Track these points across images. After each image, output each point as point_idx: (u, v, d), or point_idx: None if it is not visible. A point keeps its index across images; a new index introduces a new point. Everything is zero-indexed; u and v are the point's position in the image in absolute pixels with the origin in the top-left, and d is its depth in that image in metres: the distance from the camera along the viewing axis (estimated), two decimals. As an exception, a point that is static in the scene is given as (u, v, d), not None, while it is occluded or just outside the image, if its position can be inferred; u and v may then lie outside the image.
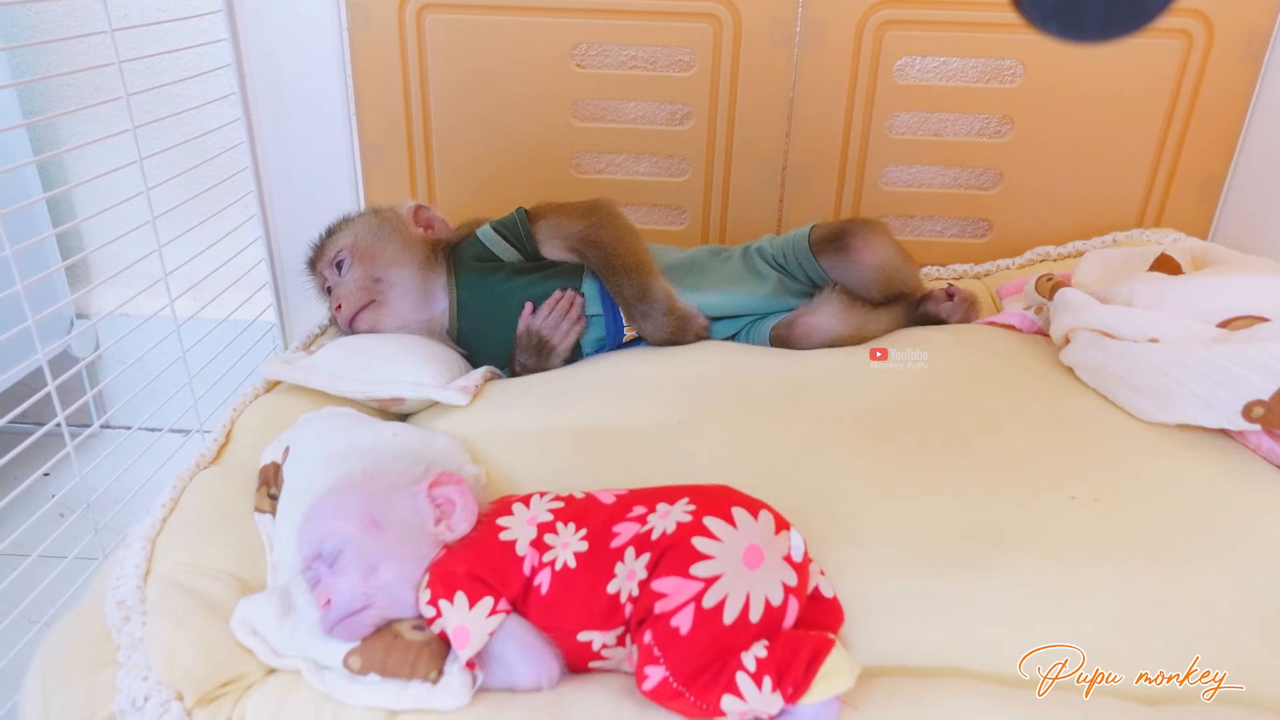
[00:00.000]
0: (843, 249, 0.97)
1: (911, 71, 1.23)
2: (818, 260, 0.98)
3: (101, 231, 1.32)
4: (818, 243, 0.99)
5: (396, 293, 0.97)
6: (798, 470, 0.74)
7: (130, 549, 0.67)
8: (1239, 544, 0.65)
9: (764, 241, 1.05)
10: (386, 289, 0.97)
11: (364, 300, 0.96)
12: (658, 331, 0.94)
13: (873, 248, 0.96)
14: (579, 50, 1.22)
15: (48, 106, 1.29)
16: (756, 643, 0.54)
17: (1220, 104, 1.17)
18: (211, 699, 0.56)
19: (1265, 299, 0.80)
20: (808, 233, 1.00)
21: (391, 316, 0.97)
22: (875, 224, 0.99)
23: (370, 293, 0.96)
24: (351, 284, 0.97)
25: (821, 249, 0.98)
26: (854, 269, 0.97)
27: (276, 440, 0.80)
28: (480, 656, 0.57)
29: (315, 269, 1.02)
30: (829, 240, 0.98)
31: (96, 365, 1.39)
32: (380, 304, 0.97)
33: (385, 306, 0.97)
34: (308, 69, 1.19)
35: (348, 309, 0.96)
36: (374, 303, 0.96)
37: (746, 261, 1.03)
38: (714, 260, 1.04)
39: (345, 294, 0.97)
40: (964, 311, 1.01)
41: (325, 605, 0.59)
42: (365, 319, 0.96)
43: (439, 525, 0.62)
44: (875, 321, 0.98)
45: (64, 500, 1.00)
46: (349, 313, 0.96)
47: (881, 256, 0.97)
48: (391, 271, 0.97)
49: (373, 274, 0.97)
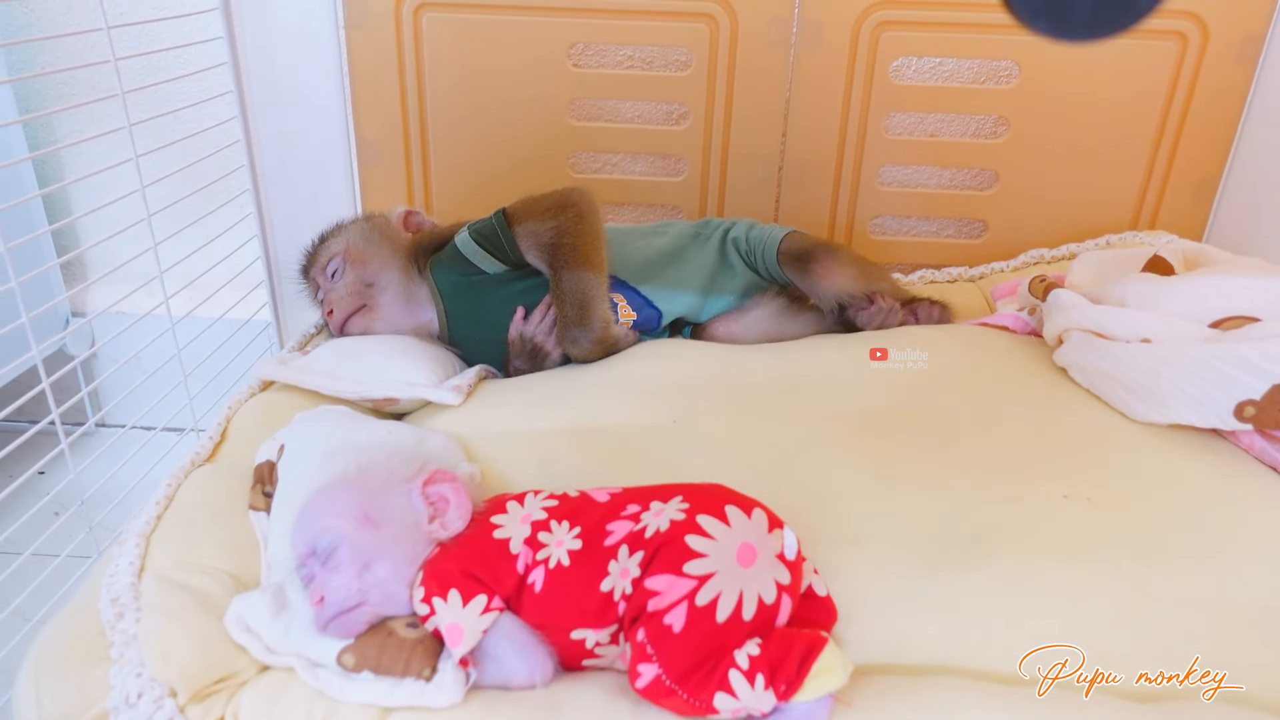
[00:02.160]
0: (805, 272, 0.99)
1: (908, 72, 1.23)
2: (782, 269, 1.00)
3: (98, 229, 1.32)
4: (784, 254, 1.00)
5: (387, 297, 0.97)
6: (791, 469, 0.74)
7: (125, 546, 0.66)
8: (1231, 543, 0.66)
9: (742, 228, 1.05)
10: (377, 294, 0.97)
11: (355, 305, 0.97)
12: (582, 354, 0.93)
13: (833, 278, 0.98)
14: (576, 50, 1.22)
15: (44, 104, 1.29)
16: (749, 640, 0.54)
17: (1215, 106, 1.17)
18: (205, 696, 0.56)
19: (1257, 299, 0.80)
20: (779, 241, 1.00)
21: (382, 321, 0.97)
22: (840, 252, 1.00)
23: (361, 297, 0.97)
24: (343, 289, 0.97)
25: (786, 262, 1.00)
26: (814, 291, 1.00)
27: (272, 438, 0.80)
28: (474, 654, 0.57)
29: (308, 275, 1.02)
30: (794, 258, 0.99)
31: (92, 363, 1.39)
32: (371, 309, 0.97)
33: (375, 311, 0.97)
34: (304, 67, 1.19)
35: (339, 314, 0.97)
36: (365, 307, 0.97)
37: (723, 253, 1.03)
38: (692, 246, 1.03)
39: (336, 299, 0.97)
40: (883, 318, 0.99)
41: (319, 602, 0.59)
42: (356, 324, 0.97)
43: (433, 523, 0.62)
44: (796, 328, 1.01)
45: (58, 498, 1.00)
46: (340, 317, 0.97)
47: (841, 286, 0.98)
48: (382, 276, 0.98)
49: (364, 279, 0.97)
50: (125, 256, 1.03)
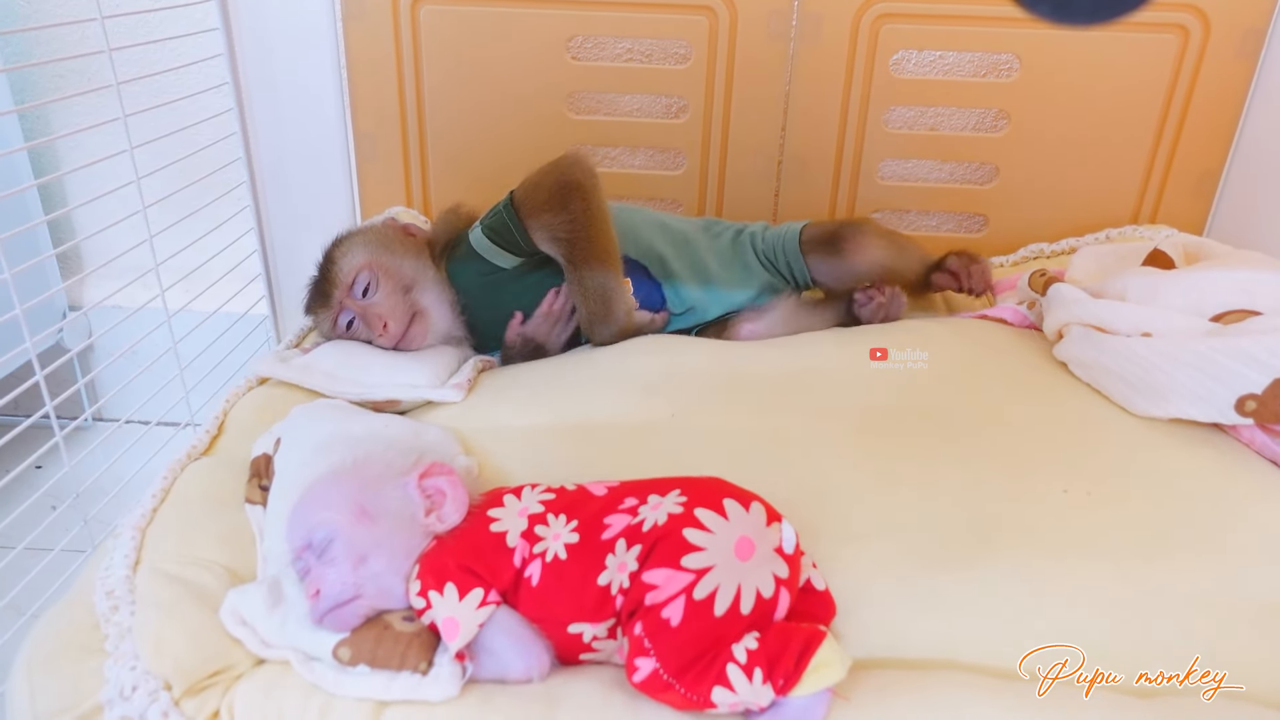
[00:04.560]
0: (836, 252, 0.97)
1: (908, 65, 1.22)
2: (806, 260, 0.98)
3: (94, 222, 1.32)
4: (808, 243, 0.98)
5: (430, 297, 0.94)
6: (791, 463, 0.74)
7: (120, 539, 0.66)
8: (1231, 538, 0.65)
9: (757, 228, 1.04)
10: (420, 295, 0.93)
11: (409, 312, 0.92)
12: (604, 342, 0.92)
13: (867, 250, 0.96)
14: (574, 43, 1.22)
15: (39, 95, 1.28)
16: (747, 634, 0.53)
17: (1216, 100, 1.16)
18: (200, 689, 0.56)
19: (1258, 293, 0.80)
20: (799, 232, 0.99)
21: (436, 322, 0.94)
22: (867, 224, 0.99)
23: (409, 304, 0.92)
24: (385, 300, 0.91)
25: (812, 249, 0.98)
26: (848, 271, 0.97)
27: (268, 432, 0.79)
28: (470, 648, 0.56)
29: (327, 304, 0.93)
30: (821, 242, 0.98)
31: (89, 356, 1.38)
32: (422, 315, 0.93)
33: (428, 315, 0.93)
34: (301, 59, 1.18)
35: (396, 325, 0.90)
36: (418, 314, 0.92)
37: (737, 249, 1.02)
38: (703, 238, 1.02)
39: (387, 311, 0.90)
40: (886, 310, 0.98)
41: (314, 595, 0.58)
42: (416, 333, 0.92)
43: (429, 516, 0.62)
44: (817, 325, 0.99)
45: (54, 492, 0.99)
46: (398, 330, 0.91)
47: (876, 258, 0.97)
48: (419, 277, 0.94)
49: (403, 284, 0.92)
50: (121, 249, 1.03)
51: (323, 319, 0.95)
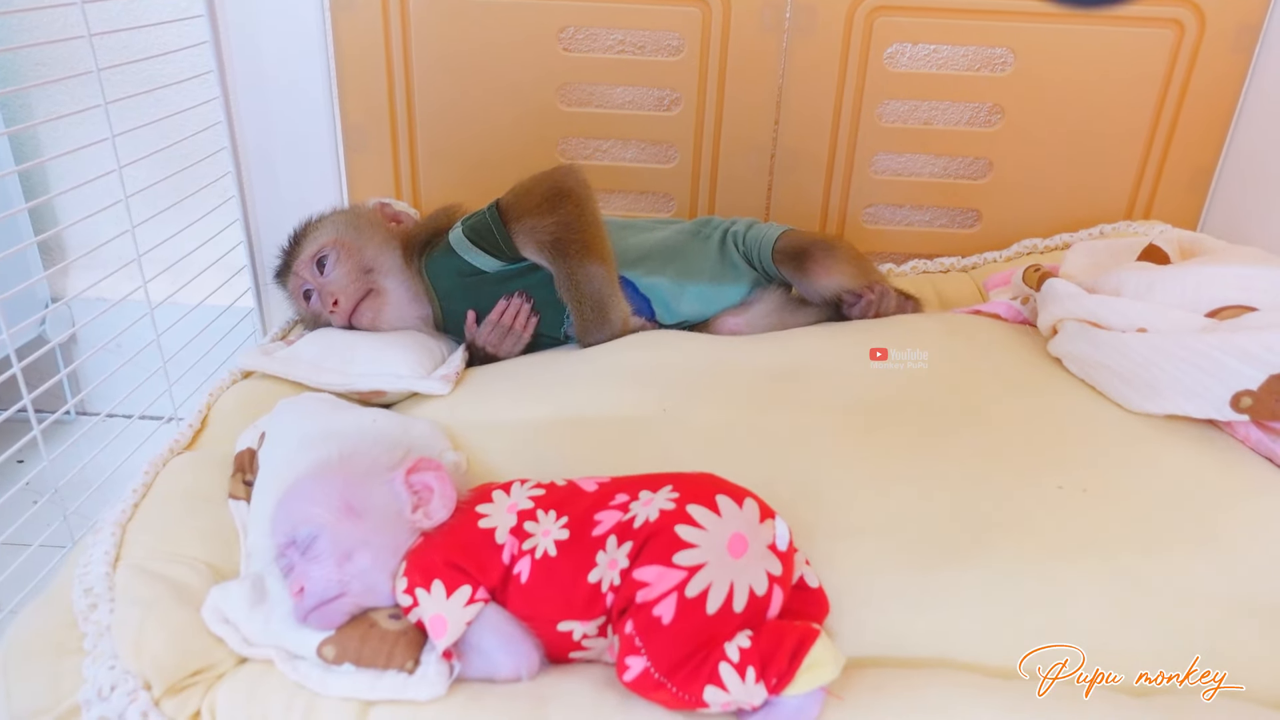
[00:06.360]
0: (802, 270, 0.97)
1: (902, 59, 1.22)
2: (778, 269, 0.98)
3: (77, 211, 1.30)
4: (780, 254, 0.98)
5: (392, 281, 0.93)
6: (784, 460, 0.73)
7: (100, 535, 0.65)
8: (1226, 535, 0.65)
9: (740, 227, 1.03)
10: (381, 278, 0.93)
11: (362, 290, 0.92)
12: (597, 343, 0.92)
13: (830, 274, 0.96)
14: (566, 33, 1.20)
15: (21, 80, 1.26)
16: (740, 633, 0.53)
17: (1211, 95, 1.16)
18: (180, 689, 0.55)
19: (1253, 288, 0.79)
20: (774, 240, 0.99)
21: (391, 308, 0.93)
22: (837, 248, 0.98)
23: (366, 282, 0.92)
24: (343, 278, 0.92)
25: (782, 261, 0.98)
26: (811, 289, 0.98)
27: (253, 426, 0.78)
28: (458, 646, 0.56)
29: (289, 274, 0.96)
30: (791, 256, 0.98)
31: (72, 349, 1.37)
32: (378, 293, 0.93)
33: (383, 296, 0.93)
34: (288, 49, 1.16)
35: (346, 301, 0.91)
36: (372, 292, 0.92)
37: (724, 252, 1.01)
38: (692, 244, 1.01)
39: (339, 288, 0.91)
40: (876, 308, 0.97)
41: (299, 593, 0.57)
42: (366, 311, 0.92)
43: (416, 512, 0.61)
44: (800, 321, 0.99)
45: (34, 486, 0.98)
46: (348, 305, 0.91)
47: (838, 282, 0.97)
48: (381, 261, 0.93)
49: (362, 265, 0.93)
50: (103, 238, 1.01)
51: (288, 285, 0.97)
